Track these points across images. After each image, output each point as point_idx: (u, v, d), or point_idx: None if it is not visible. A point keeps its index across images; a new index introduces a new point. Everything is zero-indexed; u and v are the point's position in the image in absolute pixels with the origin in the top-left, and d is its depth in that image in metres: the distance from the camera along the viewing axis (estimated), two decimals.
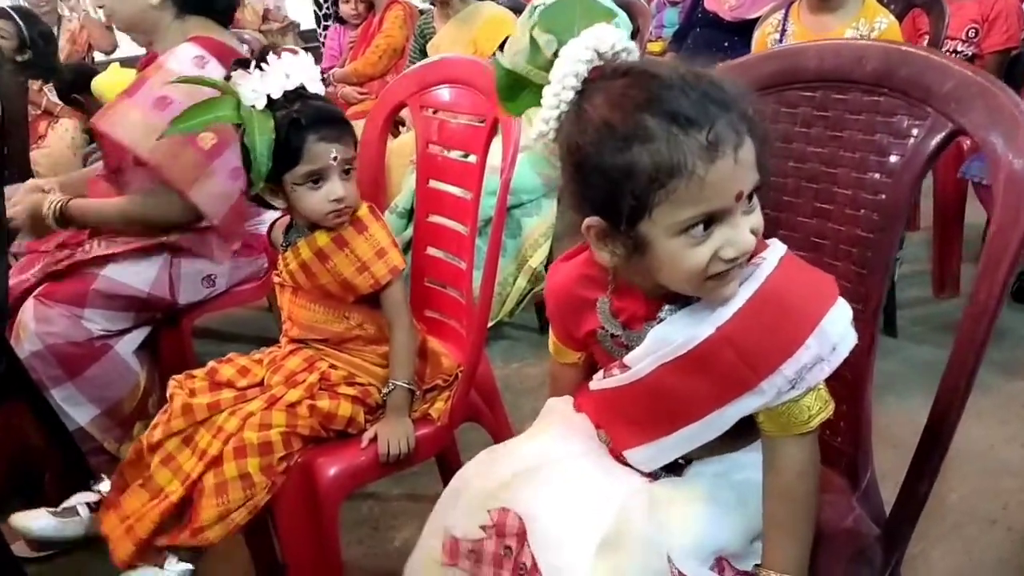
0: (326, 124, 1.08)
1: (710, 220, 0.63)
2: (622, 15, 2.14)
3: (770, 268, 0.69)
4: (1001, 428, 1.69)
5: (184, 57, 1.53)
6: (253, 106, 1.06)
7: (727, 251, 0.64)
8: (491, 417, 1.28)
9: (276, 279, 1.21)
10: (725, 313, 0.68)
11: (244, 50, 1.70)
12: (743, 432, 0.74)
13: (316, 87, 1.11)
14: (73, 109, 3.86)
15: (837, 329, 0.68)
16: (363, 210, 1.16)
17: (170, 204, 1.54)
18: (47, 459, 1.58)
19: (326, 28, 4.25)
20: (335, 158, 1.08)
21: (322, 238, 1.13)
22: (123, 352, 1.61)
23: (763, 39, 1.90)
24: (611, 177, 0.62)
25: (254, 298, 1.79)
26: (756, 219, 0.67)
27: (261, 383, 1.17)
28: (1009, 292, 2.11)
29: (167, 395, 1.17)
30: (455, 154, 1.35)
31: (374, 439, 1.11)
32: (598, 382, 0.79)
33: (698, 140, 0.60)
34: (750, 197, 0.65)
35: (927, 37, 2.01)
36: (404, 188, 2.35)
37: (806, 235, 0.94)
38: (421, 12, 3.24)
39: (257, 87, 1.06)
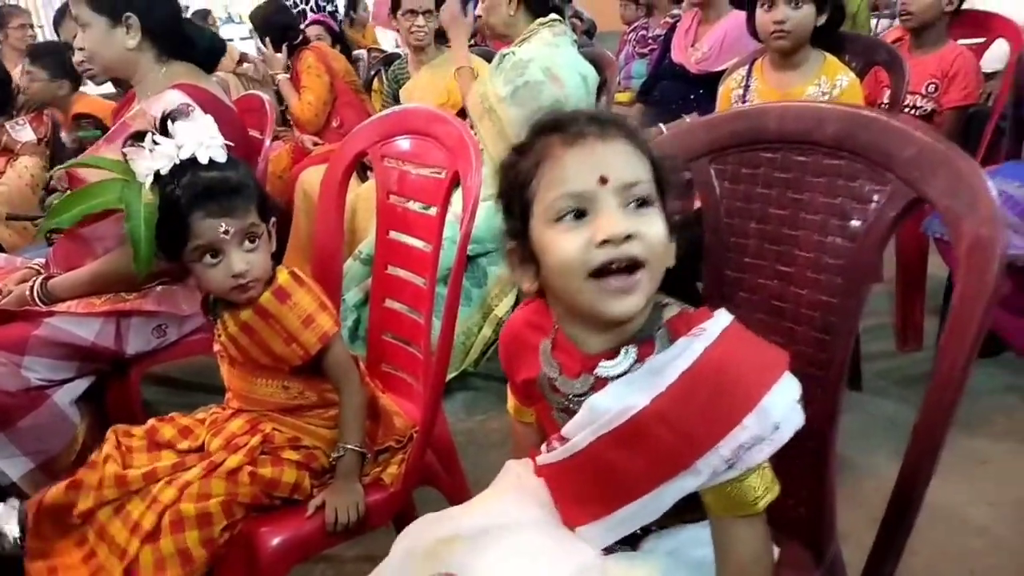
0: (210, 198, 1.02)
1: (582, 211, 0.67)
2: (589, 68, 2.15)
3: (710, 339, 0.66)
4: (965, 487, 1.67)
5: (168, 104, 1.50)
6: (142, 184, 1.03)
7: (597, 235, 0.65)
8: (448, 480, 1.22)
9: (216, 347, 1.15)
10: (660, 384, 0.65)
11: (228, 99, 1.68)
12: (696, 504, 0.71)
13: (214, 153, 1.05)
14: (35, 146, 3.80)
15: (780, 408, 0.64)
16: (283, 277, 1.11)
17: None
18: None
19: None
20: (226, 232, 1.03)
21: (245, 312, 1.08)
22: (61, 402, 1.54)
23: (727, 94, 1.92)
24: (509, 186, 0.72)
25: (204, 350, 1.71)
26: (645, 224, 0.67)
27: (202, 447, 1.10)
28: None
29: (104, 452, 1.10)
30: (416, 205, 1.32)
31: (321, 507, 1.05)
32: (542, 457, 0.77)
33: (562, 134, 0.69)
34: (641, 203, 0.68)
35: (888, 90, 2.05)
36: (370, 234, 2.32)
37: (767, 297, 0.92)
38: (390, 60, 3.24)
39: (148, 163, 1.02)
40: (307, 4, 4.33)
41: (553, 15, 2.18)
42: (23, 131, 3.94)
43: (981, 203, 0.71)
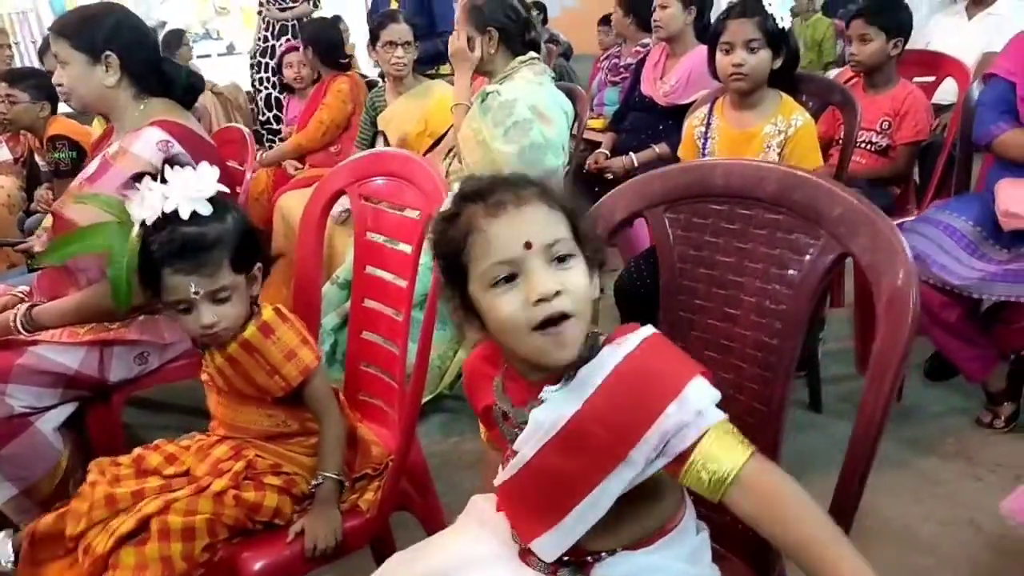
0: (182, 257, 1.06)
1: (513, 275, 0.73)
2: (568, 103, 2.24)
3: (632, 346, 0.74)
4: (915, 506, 1.76)
5: (148, 141, 1.55)
6: (131, 229, 1.08)
7: (531, 295, 0.72)
8: (422, 504, 1.29)
9: (204, 377, 1.21)
10: (589, 388, 0.73)
11: (206, 134, 1.73)
12: (647, 510, 0.78)
13: (198, 207, 1.08)
14: (11, 166, 3.81)
15: (699, 397, 0.71)
16: (268, 314, 1.17)
17: None
18: None
19: (259, 93, 4.31)
20: (196, 292, 1.08)
21: (231, 345, 1.14)
22: (44, 429, 1.57)
23: (690, 131, 2.01)
24: (443, 253, 0.78)
25: (186, 376, 1.76)
26: (569, 277, 0.74)
27: (187, 472, 1.16)
28: (922, 372, 2.22)
29: (88, 480, 1.15)
30: (392, 242, 1.39)
31: (301, 532, 1.11)
32: (499, 477, 0.83)
33: (484, 204, 0.75)
34: (562, 259, 0.74)
35: (843, 127, 2.15)
36: (347, 259, 2.38)
37: (716, 337, 1.00)
38: (370, 86, 3.31)
39: (137, 210, 1.08)
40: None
41: (531, 52, 2.27)
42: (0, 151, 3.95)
43: (899, 262, 0.80)
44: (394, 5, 3.56)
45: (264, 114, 4.31)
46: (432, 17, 3.44)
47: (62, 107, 3.02)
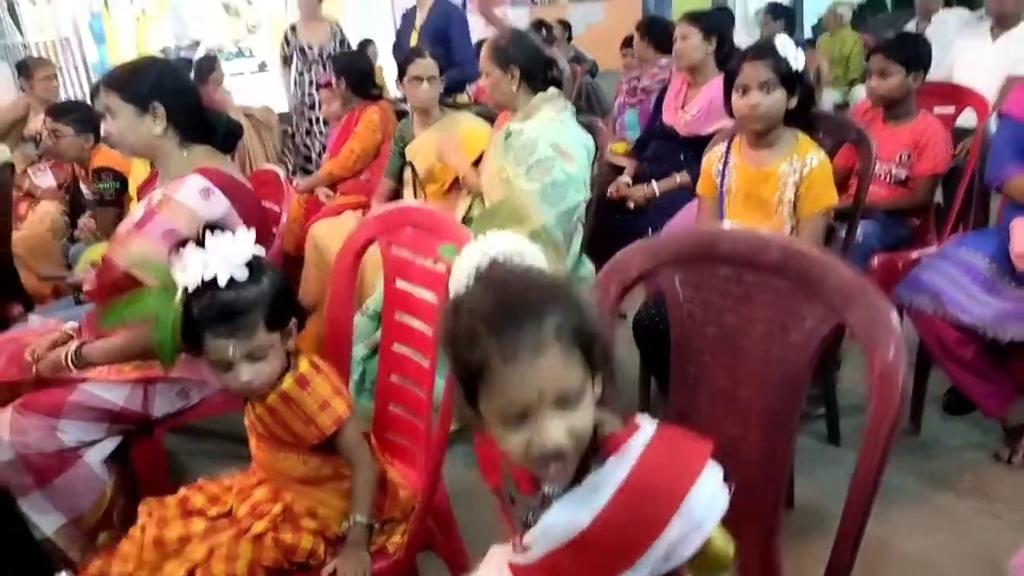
0: (221, 322, 1.14)
1: (523, 414, 0.73)
2: (589, 139, 2.30)
3: (635, 456, 0.79)
4: (935, 540, 1.78)
5: (191, 189, 1.63)
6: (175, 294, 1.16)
7: (532, 449, 0.74)
8: (446, 544, 1.36)
9: (246, 422, 1.30)
10: (598, 503, 0.78)
11: (244, 179, 1.82)
12: None
13: (236, 273, 1.16)
14: (55, 191, 3.96)
15: (701, 505, 0.77)
16: (304, 366, 1.24)
17: None
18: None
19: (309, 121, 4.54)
20: (233, 353, 1.15)
21: (271, 396, 1.22)
22: (92, 462, 1.67)
23: (709, 167, 2.06)
24: (457, 367, 0.76)
25: (225, 409, 1.86)
26: (578, 419, 0.74)
27: (230, 512, 1.24)
28: (940, 406, 2.23)
29: (139, 523, 1.24)
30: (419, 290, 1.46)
31: (333, 574, 1.18)
32: (511, 556, 0.88)
33: (498, 344, 0.72)
34: (568, 401, 0.74)
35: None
36: (376, 290, 2.46)
37: (723, 392, 1.06)
38: (400, 116, 3.40)
39: (180, 277, 1.16)
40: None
41: (552, 88, 2.34)
42: (44, 177, 4.12)
43: (891, 336, 0.85)
44: (415, 37, 3.65)
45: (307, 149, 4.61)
46: (449, 47, 3.53)
47: None
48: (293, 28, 4.74)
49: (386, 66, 5.69)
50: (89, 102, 3.60)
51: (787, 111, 1.90)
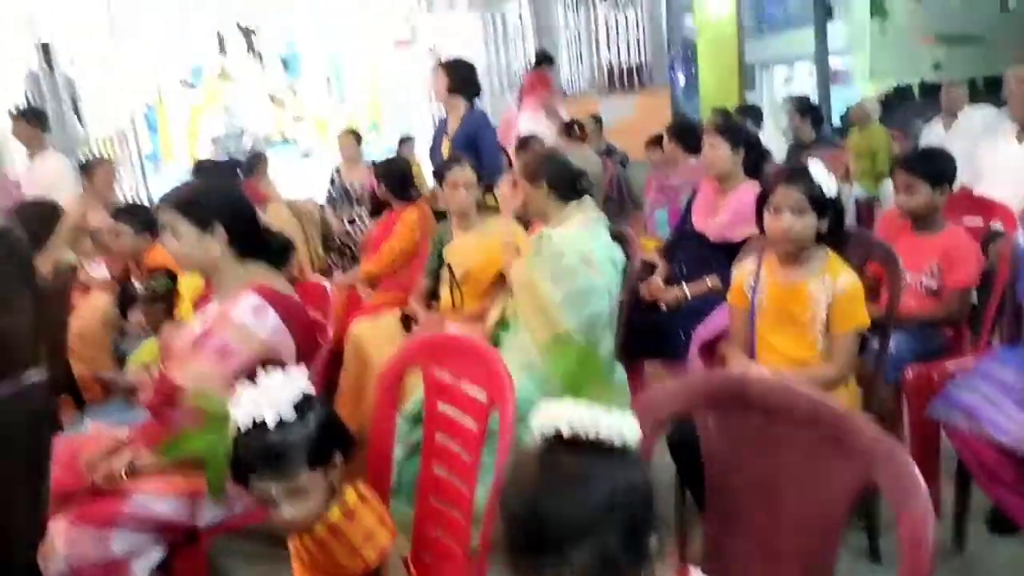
0: (266, 465, 1.21)
1: None
2: (617, 251, 2.39)
3: None
4: None
5: (246, 308, 1.73)
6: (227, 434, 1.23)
7: None
8: None
9: (291, 547, 1.34)
10: None
11: (294, 293, 1.92)
12: None
13: (283, 414, 1.22)
14: (108, 283, 4.15)
15: None
16: (351, 497, 1.29)
17: None
18: None
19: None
20: (276, 493, 1.22)
21: (318, 526, 1.27)
22: (138, 571, 1.72)
23: (739, 281, 2.11)
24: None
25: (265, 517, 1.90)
26: None
27: None
28: (985, 523, 2.18)
29: None
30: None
31: None
32: None
33: (524, 564, 0.77)
34: None
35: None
36: (415, 393, 2.52)
37: (758, 536, 1.09)
38: (438, 216, 3.54)
39: (233, 412, 1.23)
40: None
41: (585, 197, 2.46)
42: (98, 269, 4.31)
43: (919, 496, 0.88)
44: (446, 143, 3.85)
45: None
46: (478, 154, 3.69)
47: None
48: (338, 170, 5.70)
49: (424, 160, 5.97)
50: (145, 193, 3.81)
51: (817, 231, 1.96)
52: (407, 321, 3.11)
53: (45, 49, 6.39)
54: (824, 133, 5.77)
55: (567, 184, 2.45)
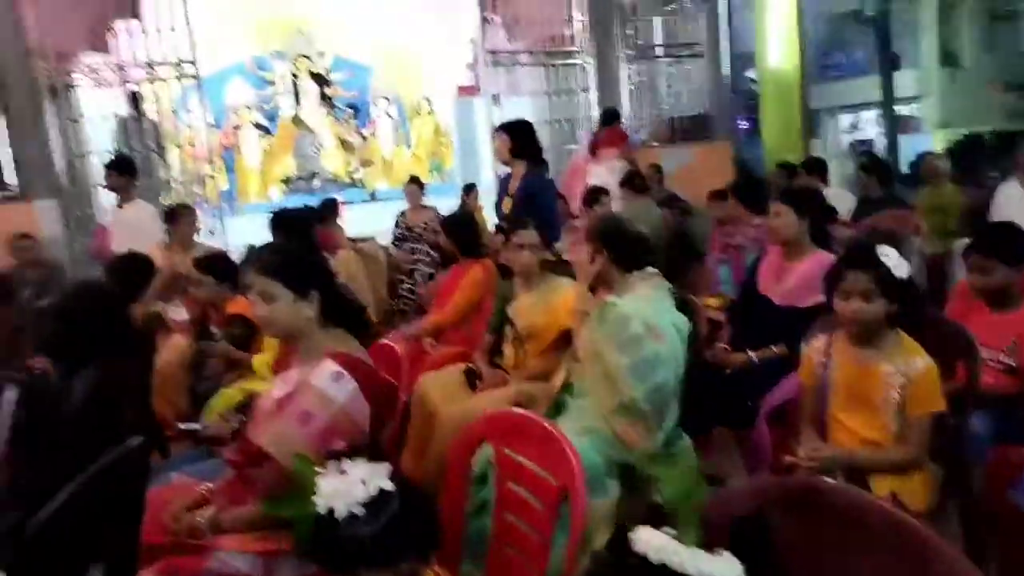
0: (330, 559, 1.27)
1: None
2: (681, 319, 2.41)
3: None
4: None
5: (325, 374, 1.80)
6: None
7: None
8: None
9: None
10: None
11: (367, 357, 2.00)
12: None
13: (356, 511, 1.26)
14: (187, 325, 4.34)
15: None
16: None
17: None
18: None
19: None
20: None
21: None
22: None
23: (810, 359, 2.10)
24: None
25: None
26: None
27: None
28: None
29: None
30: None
31: None
32: None
33: None
34: None
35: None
36: (480, 455, 2.57)
37: None
38: (503, 272, 3.62)
39: (323, 496, 1.29)
40: None
41: (649, 268, 2.50)
42: (178, 312, 4.52)
43: None
44: (507, 201, 3.96)
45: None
46: (537, 213, 3.77)
47: None
48: (403, 213, 6.23)
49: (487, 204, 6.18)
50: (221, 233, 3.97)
51: (888, 313, 1.94)
52: (471, 374, 3.17)
53: (134, 97, 6.77)
54: (892, 190, 5.65)
55: (629, 256, 2.50)
